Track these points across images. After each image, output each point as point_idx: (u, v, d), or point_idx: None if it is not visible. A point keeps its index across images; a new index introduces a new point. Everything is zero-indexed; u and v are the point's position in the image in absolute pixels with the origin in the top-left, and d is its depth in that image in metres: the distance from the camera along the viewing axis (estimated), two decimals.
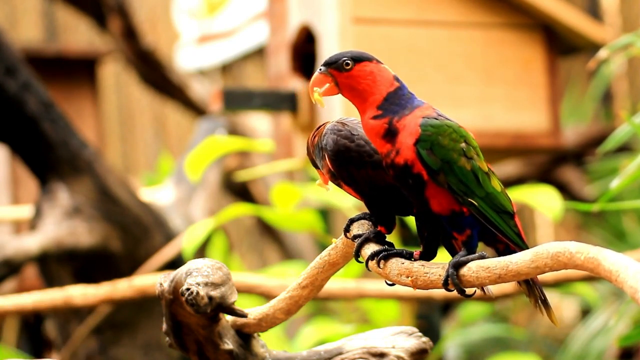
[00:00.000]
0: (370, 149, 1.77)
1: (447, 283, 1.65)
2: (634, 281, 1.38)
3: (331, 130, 1.79)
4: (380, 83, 1.72)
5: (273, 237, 5.60)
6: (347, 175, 1.78)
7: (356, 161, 1.77)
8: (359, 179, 1.78)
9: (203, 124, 4.81)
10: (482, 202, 1.69)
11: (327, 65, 1.73)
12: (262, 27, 6.84)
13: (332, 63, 1.73)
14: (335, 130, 1.78)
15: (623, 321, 4.21)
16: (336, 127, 1.79)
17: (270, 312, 1.94)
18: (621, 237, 5.19)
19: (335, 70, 1.73)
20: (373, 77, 1.72)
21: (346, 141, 1.78)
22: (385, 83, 1.72)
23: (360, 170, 1.77)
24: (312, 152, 1.85)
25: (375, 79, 1.72)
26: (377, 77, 1.72)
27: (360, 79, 1.72)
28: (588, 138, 5.41)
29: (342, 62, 1.72)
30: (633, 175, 2.45)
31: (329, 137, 1.78)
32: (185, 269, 1.89)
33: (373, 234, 1.76)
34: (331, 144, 1.77)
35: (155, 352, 3.98)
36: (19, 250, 3.70)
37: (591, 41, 3.72)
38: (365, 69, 1.72)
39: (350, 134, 1.78)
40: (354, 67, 1.72)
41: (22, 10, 7.89)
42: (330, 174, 1.81)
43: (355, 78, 1.72)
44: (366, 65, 1.72)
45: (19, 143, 3.88)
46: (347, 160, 1.77)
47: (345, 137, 1.78)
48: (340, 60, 1.72)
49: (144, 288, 2.74)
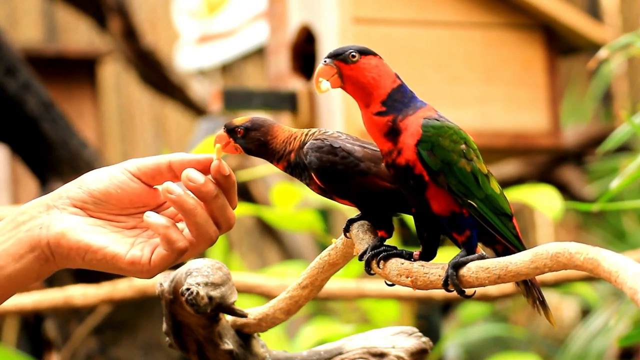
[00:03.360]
0: (355, 158, 1.76)
1: (446, 283, 1.65)
2: (633, 282, 1.38)
3: (312, 149, 1.76)
4: (385, 78, 1.71)
5: (273, 237, 5.60)
6: (338, 188, 1.77)
7: (343, 174, 1.76)
8: (351, 190, 1.77)
9: (203, 124, 4.81)
10: (481, 204, 1.69)
11: (333, 56, 1.72)
12: (262, 27, 6.84)
13: (338, 54, 1.72)
14: (315, 148, 1.76)
15: (623, 321, 4.21)
16: (316, 145, 1.76)
17: (270, 312, 1.94)
18: (621, 237, 5.20)
19: (341, 62, 1.72)
20: (378, 70, 1.71)
21: (330, 156, 1.76)
22: (389, 78, 1.71)
23: (350, 181, 1.76)
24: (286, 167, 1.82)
25: (380, 73, 1.71)
26: (382, 72, 1.71)
27: (365, 72, 1.71)
28: (588, 138, 5.41)
29: (348, 54, 1.71)
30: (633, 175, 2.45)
31: (312, 155, 1.75)
32: (185, 269, 1.89)
33: (378, 241, 1.76)
34: (315, 162, 1.75)
35: (155, 352, 3.98)
36: None
37: (591, 41, 3.72)
38: (371, 62, 1.71)
39: (332, 147, 1.76)
40: (360, 59, 1.71)
41: (22, 10, 7.89)
42: (320, 190, 1.81)
43: (360, 70, 1.71)
44: (371, 58, 1.72)
45: (19, 143, 3.88)
46: (335, 175, 1.76)
47: (328, 152, 1.76)
48: (346, 52, 1.71)
49: (144, 288, 2.74)
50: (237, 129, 1.80)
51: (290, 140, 1.80)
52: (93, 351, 3.95)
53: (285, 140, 1.80)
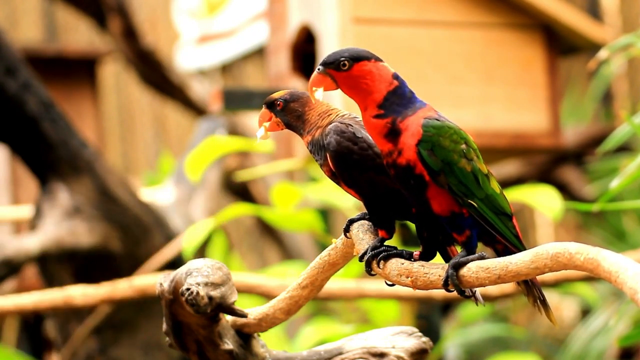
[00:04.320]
0: (373, 153, 1.75)
1: (447, 283, 1.65)
2: (633, 282, 1.38)
3: (334, 131, 1.76)
4: (379, 82, 1.71)
5: (273, 237, 5.60)
6: (348, 177, 1.77)
7: (358, 164, 1.75)
8: (361, 182, 1.77)
9: (203, 124, 4.81)
10: (481, 204, 1.69)
11: (325, 65, 1.72)
12: (262, 27, 6.84)
13: (330, 63, 1.72)
14: (338, 131, 1.76)
15: (623, 321, 4.21)
16: (340, 128, 1.76)
17: (270, 312, 1.94)
18: (621, 237, 5.20)
19: (333, 71, 1.72)
20: (372, 76, 1.71)
21: (349, 143, 1.76)
22: (384, 82, 1.71)
23: (362, 174, 1.76)
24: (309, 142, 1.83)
25: (374, 79, 1.71)
26: (376, 77, 1.71)
27: (358, 79, 1.71)
28: (588, 138, 5.41)
29: (339, 63, 1.72)
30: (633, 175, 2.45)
31: (332, 137, 1.76)
32: (185, 269, 1.89)
33: (378, 241, 1.76)
34: (334, 144, 1.76)
35: (155, 352, 3.98)
36: (19, 250, 3.70)
37: (591, 41, 3.72)
38: (364, 69, 1.71)
39: (354, 136, 1.76)
40: (352, 67, 1.71)
41: (22, 10, 7.89)
42: (330, 173, 1.80)
43: (353, 78, 1.71)
44: (364, 64, 1.72)
45: (19, 143, 3.88)
46: (349, 163, 1.75)
47: (349, 139, 1.76)
48: (337, 61, 1.72)
49: (144, 288, 2.74)
50: (277, 101, 1.82)
51: (324, 116, 1.81)
52: (93, 351, 3.95)
53: (321, 114, 1.81)
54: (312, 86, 1.73)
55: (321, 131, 1.79)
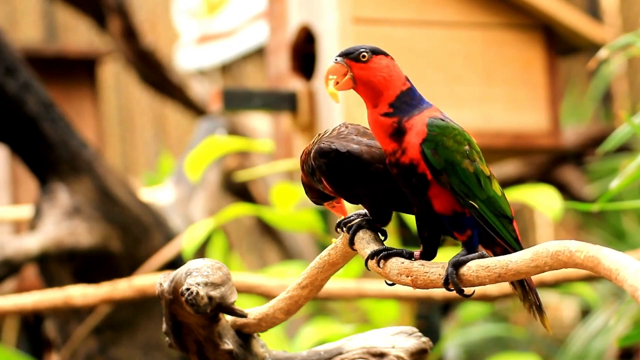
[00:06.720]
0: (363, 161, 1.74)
1: (447, 282, 1.65)
2: (633, 279, 1.38)
3: (319, 154, 1.74)
4: (396, 79, 1.71)
5: (273, 237, 5.60)
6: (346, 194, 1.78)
7: (352, 179, 1.75)
8: (360, 195, 1.77)
9: (203, 124, 4.81)
10: (482, 205, 1.69)
11: (344, 55, 1.71)
12: (262, 27, 6.84)
13: (349, 53, 1.71)
14: (324, 153, 1.74)
15: (623, 321, 4.21)
16: (324, 150, 1.74)
17: (270, 312, 1.94)
18: (621, 237, 5.20)
19: (351, 61, 1.71)
20: (389, 71, 1.71)
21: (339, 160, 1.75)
22: (399, 80, 1.72)
23: (358, 186, 1.76)
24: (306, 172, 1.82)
25: (390, 74, 1.71)
26: (393, 72, 1.72)
27: (376, 72, 1.71)
28: (588, 138, 5.41)
29: (359, 53, 1.71)
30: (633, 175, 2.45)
31: (320, 161, 1.74)
32: (185, 269, 1.89)
33: (365, 221, 1.76)
34: (323, 168, 1.74)
35: (155, 352, 3.98)
36: (19, 250, 3.70)
37: (591, 41, 3.72)
38: (382, 62, 1.72)
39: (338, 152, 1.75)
40: (371, 58, 1.71)
41: (22, 10, 7.89)
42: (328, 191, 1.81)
43: (371, 70, 1.71)
44: (382, 58, 1.72)
45: (19, 143, 3.88)
46: (343, 180, 1.75)
47: (336, 157, 1.74)
48: (357, 51, 1.71)
49: (144, 288, 2.74)
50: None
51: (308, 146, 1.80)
52: (93, 351, 3.95)
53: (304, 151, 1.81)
54: (328, 74, 1.71)
55: (306, 155, 1.79)
